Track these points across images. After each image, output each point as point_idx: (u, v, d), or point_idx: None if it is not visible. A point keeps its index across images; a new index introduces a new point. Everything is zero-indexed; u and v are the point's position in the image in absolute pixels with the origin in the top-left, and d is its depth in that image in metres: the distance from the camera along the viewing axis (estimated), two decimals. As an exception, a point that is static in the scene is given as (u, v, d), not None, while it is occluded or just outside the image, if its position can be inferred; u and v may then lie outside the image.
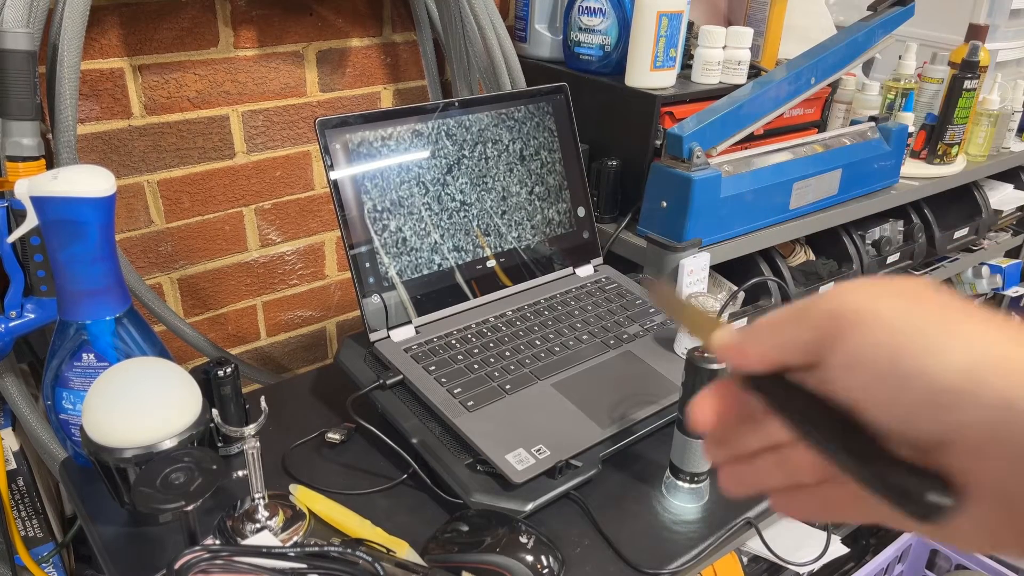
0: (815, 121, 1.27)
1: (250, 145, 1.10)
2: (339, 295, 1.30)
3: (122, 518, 0.68)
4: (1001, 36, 1.46)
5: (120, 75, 0.96)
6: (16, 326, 0.79)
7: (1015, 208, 1.59)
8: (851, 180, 1.19)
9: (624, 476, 0.74)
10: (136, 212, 1.04)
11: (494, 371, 0.78)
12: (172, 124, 1.02)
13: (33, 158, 0.78)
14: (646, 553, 0.66)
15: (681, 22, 1.05)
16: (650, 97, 1.04)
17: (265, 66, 1.07)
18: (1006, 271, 1.61)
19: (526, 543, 0.62)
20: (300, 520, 0.67)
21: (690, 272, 1.01)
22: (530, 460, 0.68)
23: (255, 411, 0.65)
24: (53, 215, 0.63)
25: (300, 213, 1.20)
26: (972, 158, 1.47)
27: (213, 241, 1.12)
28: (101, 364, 0.67)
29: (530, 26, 1.23)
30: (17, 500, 0.91)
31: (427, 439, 0.72)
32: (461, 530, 0.65)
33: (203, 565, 0.55)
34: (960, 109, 1.35)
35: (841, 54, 1.13)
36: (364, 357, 0.80)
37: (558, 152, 0.93)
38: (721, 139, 1.04)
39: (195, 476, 0.57)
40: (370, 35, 1.16)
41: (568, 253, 0.94)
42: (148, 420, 0.61)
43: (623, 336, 0.86)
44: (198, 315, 1.15)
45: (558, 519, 0.69)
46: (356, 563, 0.57)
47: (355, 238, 0.77)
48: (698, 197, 0.98)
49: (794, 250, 1.29)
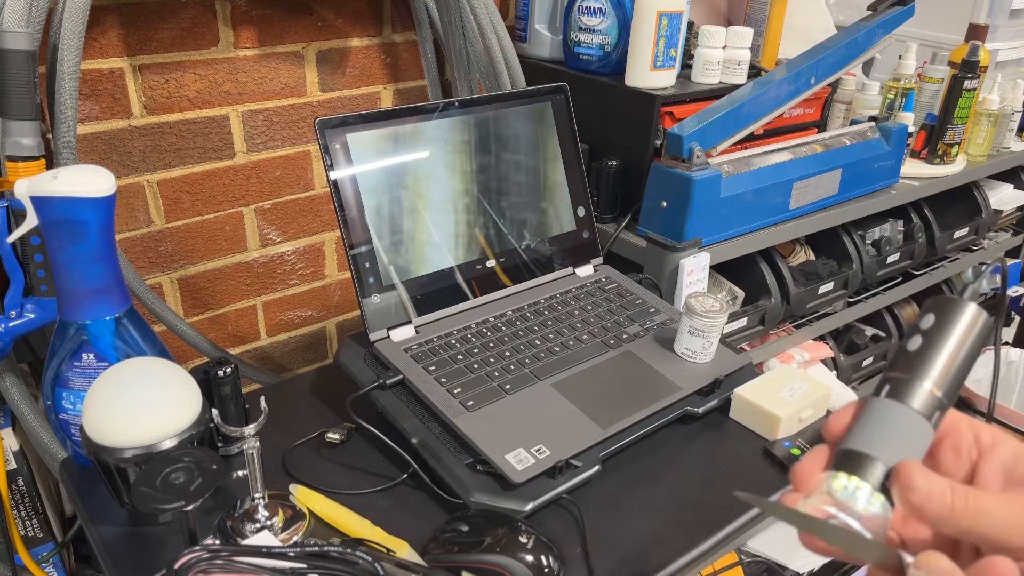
0: (815, 121, 1.27)
1: (250, 145, 1.10)
2: (339, 295, 1.30)
3: (122, 518, 0.68)
4: (1001, 36, 1.46)
5: (120, 75, 0.96)
6: (16, 326, 0.79)
7: (1015, 208, 1.59)
8: (851, 180, 1.19)
9: (624, 476, 0.74)
10: (136, 212, 1.04)
11: (494, 371, 0.78)
12: (172, 124, 1.02)
13: (33, 158, 0.78)
14: (646, 553, 0.66)
15: (681, 22, 1.05)
16: (650, 97, 1.04)
17: (265, 66, 1.07)
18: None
19: (526, 543, 0.62)
20: (300, 520, 0.67)
21: (690, 272, 1.01)
22: (530, 460, 0.68)
23: (255, 411, 0.65)
24: (53, 215, 0.63)
25: (300, 213, 1.20)
26: (972, 158, 1.47)
27: (213, 241, 1.12)
28: (101, 364, 0.67)
29: (530, 26, 1.23)
30: (17, 500, 0.91)
31: (427, 439, 0.72)
32: (461, 530, 0.65)
33: (203, 565, 0.55)
34: (960, 109, 1.35)
35: (841, 54, 1.13)
36: (364, 357, 0.80)
37: (558, 152, 0.93)
38: (721, 139, 1.04)
39: (195, 476, 0.57)
40: (370, 35, 1.16)
41: (568, 253, 0.94)
42: (148, 420, 0.61)
43: (623, 336, 0.86)
44: (198, 315, 1.15)
45: (558, 519, 0.69)
46: (356, 563, 0.57)
47: (355, 238, 0.77)
48: (698, 197, 0.98)
49: (794, 250, 1.29)
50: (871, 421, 0.37)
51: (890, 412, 0.37)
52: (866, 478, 0.35)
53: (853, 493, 0.35)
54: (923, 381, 0.37)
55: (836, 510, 0.34)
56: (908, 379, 0.37)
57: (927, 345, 0.38)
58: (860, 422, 0.37)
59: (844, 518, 0.34)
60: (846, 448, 0.37)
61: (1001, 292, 0.77)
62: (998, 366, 1.08)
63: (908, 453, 0.36)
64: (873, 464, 0.35)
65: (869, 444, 0.36)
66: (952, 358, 0.37)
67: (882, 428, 0.37)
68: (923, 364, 0.37)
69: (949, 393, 0.37)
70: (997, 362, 1.08)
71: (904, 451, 0.36)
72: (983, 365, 1.68)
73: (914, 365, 0.37)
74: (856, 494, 0.35)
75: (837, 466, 0.36)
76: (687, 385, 0.80)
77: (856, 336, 1.44)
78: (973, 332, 0.38)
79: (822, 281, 1.21)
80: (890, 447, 0.36)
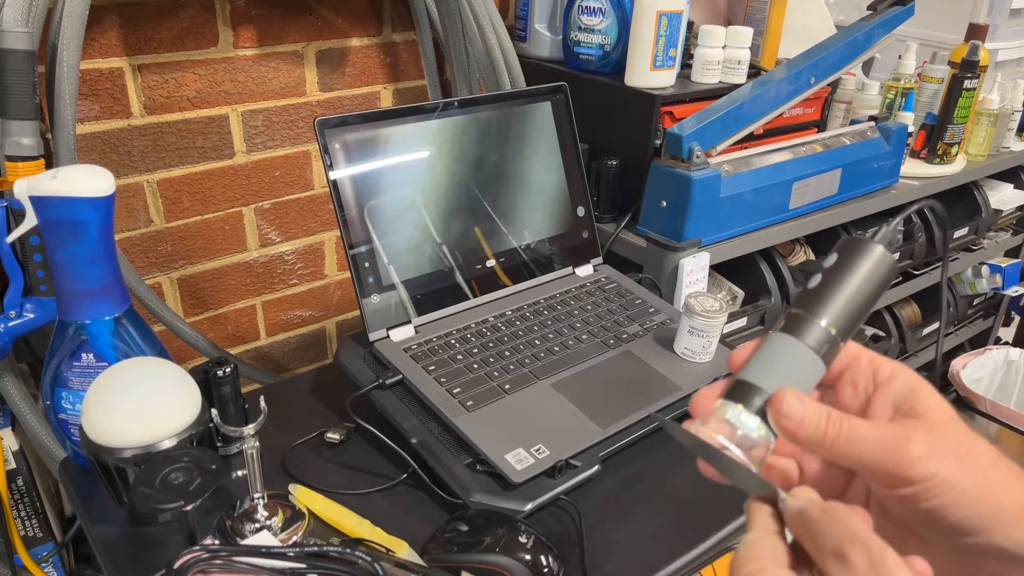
0: (815, 121, 1.27)
1: (250, 145, 1.10)
2: (339, 295, 1.30)
3: (121, 518, 0.68)
4: (1001, 36, 1.46)
5: (120, 75, 0.96)
6: (15, 326, 0.79)
7: (1015, 208, 1.59)
8: (851, 180, 1.19)
9: (624, 476, 0.74)
10: (136, 212, 1.04)
11: (493, 371, 0.78)
12: (172, 124, 1.02)
13: (32, 158, 0.78)
14: (646, 553, 0.66)
15: (681, 22, 1.05)
16: (650, 97, 1.04)
17: (265, 66, 1.07)
18: (1006, 271, 1.61)
19: (525, 543, 0.62)
20: (299, 520, 0.67)
21: (690, 272, 1.01)
22: (529, 460, 0.67)
23: (254, 411, 0.65)
24: (52, 215, 0.63)
25: (300, 213, 1.20)
26: (972, 158, 1.47)
27: (213, 241, 1.12)
28: (100, 364, 0.67)
29: (530, 26, 1.23)
30: (17, 500, 0.91)
31: (426, 439, 0.72)
32: (460, 530, 0.65)
33: (202, 565, 0.55)
34: (960, 109, 1.35)
35: (841, 54, 1.13)
36: (363, 357, 0.80)
37: (558, 152, 0.93)
38: (721, 139, 1.04)
39: (194, 476, 0.57)
40: (370, 35, 1.16)
41: (568, 253, 0.94)
42: (147, 420, 0.61)
43: (623, 336, 0.86)
44: (198, 315, 1.15)
45: (557, 519, 0.69)
46: (355, 563, 0.57)
47: (355, 238, 0.77)
48: (698, 197, 0.98)
49: (794, 250, 1.29)
50: (764, 354, 0.39)
51: (781, 345, 0.39)
52: (750, 407, 0.37)
53: (739, 420, 0.37)
54: (816, 317, 0.38)
55: (724, 438, 0.37)
56: (803, 315, 0.39)
57: (824, 283, 0.39)
58: (756, 355, 0.39)
59: (724, 442, 0.36)
60: (738, 378, 0.39)
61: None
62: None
63: (793, 384, 0.37)
64: (759, 394, 0.37)
65: (757, 375, 0.38)
66: (847, 296, 0.39)
67: (771, 360, 0.38)
68: (818, 301, 0.39)
69: (843, 330, 0.39)
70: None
71: (789, 382, 0.37)
72: (983, 366, 1.68)
73: (810, 302, 0.39)
74: (741, 420, 0.37)
75: (728, 395, 0.38)
76: (687, 385, 0.80)
77: (856, 336, 1.44)
78: (871, 272, 0.39)
79: (822, 281, 1.21)
80: (776, 378, 0.38)
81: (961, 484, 0.34)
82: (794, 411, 0.36)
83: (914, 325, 1.55)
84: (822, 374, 0.39)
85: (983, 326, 1.77)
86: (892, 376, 0.39)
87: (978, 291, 1.64)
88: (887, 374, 0.39)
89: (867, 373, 0.40)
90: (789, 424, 0.36)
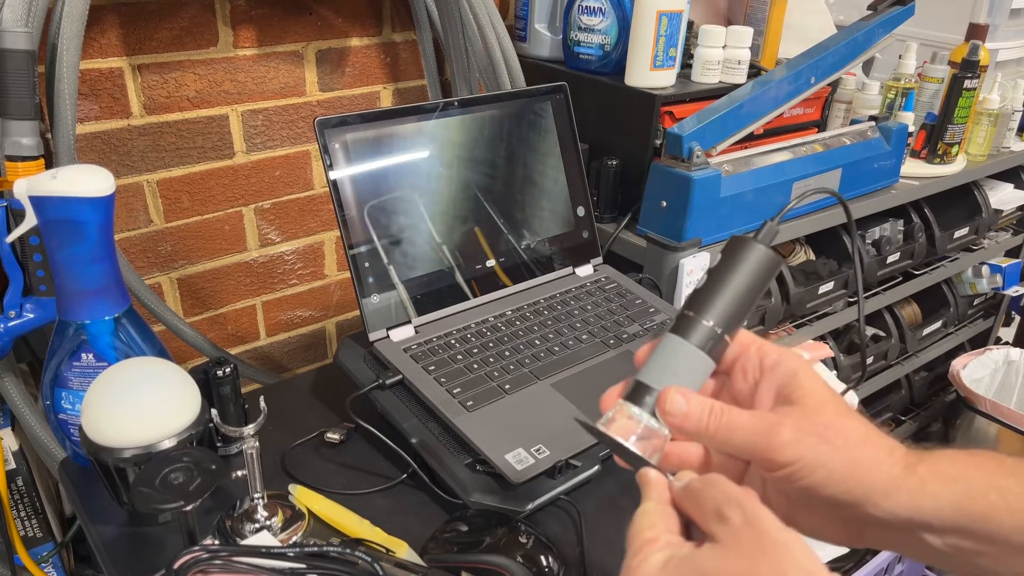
0: (815, 121, 1.27)
1: (249, 145, 1.10)
2: (339, 295, 1.30)
3: (121, 518, 0.68)
4: (1001, 35, 1.46)
5: (119, 75, 0.96)
6: (15, 326, 0.79)
7: (1015, 208, 1.59)
8: (851, 180, 1.19)
9: (624, 476, 0.74)
10: (135, 212, 1.04)
11: (493, 371, 0.78)
12: (171, 124, 1.02)
13: (32, 158, 0.78)
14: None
15: (681, 21, 1.05)
16: (650, 97, 1.04)
17: (265, 66, 1.07)
18: (1006, 271, 1.61)
19: (525, 543, 0.62)
20: (299, 520, 0.67)
21: (690, 272, 1.01)
22: (529, 460, 0.67)
23: (254, 411, 0.65)
24: (52, 215, 0.63)
25: (300, 213, 1.20)
26: (972, 158, 1.47)
27: (212, 241, 1.12)
28: (100, 364, 0.67)
29: (530, 26, 1.23)
30: (16, 500, 0.91)
31: (426, 439, 0.72)
32: (460, 530, 0.65)
33: (202, 565, 0.55)
34: (960, 108, 1.35)
35: (841, 53, 1.13)
36: (363, 357, 0.80)
37: (558, 152, 0.93)
38: (721, 139, 1.04)
39: (194, 476, 0.57)
40: (370, 35, 1.16)
41: (568, 253, 0.94)
42: (147, 420, 0.61)
43: (623, 336, 0.86)
44: (197, 315, 1.15)
45: (557, 519, 0.69)
46: (355, 563, 0.57)
47: (355, 238, 0.77)
48: (698, 197, 0.98)
49: (794, 250, 1.29)
50: (655, 355, 0.42)
51: (669, 346, 0.42)
52: (643, 406, 0.41)
53: (637, 418, 0.41)
54: (701, 316, 0.41)
55: (623, 434, 0.41)
56: (690, 315, 0.42)
57: (709, 283, 0.42)
58: (651, 355, 0.42)
59: (620, 440, 0.40)
60: (635, 379, 0.42)
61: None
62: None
63: (682, 381, 0.41)
64: (651, 393, 0.41)
65: (648, 375, 0.42)
66: (729, 294, 0.42)
67: (661, 361, 0.42)
68: (703, 301, 0.42)
69: (728, 326, 0.41)
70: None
71: (678, 380, 0.41)
72: (984, 366, 1.68)
73: (696, 302, 0.42)
74: (640, 418, 0.41)
75: (627, 395, 0.42)
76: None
77: (856, 336, 1.44)
78: (751, 269, 0.42)
79: (822, 281, 1.21)
80: (665, 377, 0.41)
81: (828, 464, 0.37)
82: (678, 407, 0.40)
83: (914, 325, 1.55)
84: (711, 369, 0.42)
85: (983, 326, 1.77)
86: (776, 363, 0.41)
87: (978, 291, 1.64)
88: (772, 361, 0.42)
89: (755, 360, 0.42)
90: (674, 420, 0.40)
